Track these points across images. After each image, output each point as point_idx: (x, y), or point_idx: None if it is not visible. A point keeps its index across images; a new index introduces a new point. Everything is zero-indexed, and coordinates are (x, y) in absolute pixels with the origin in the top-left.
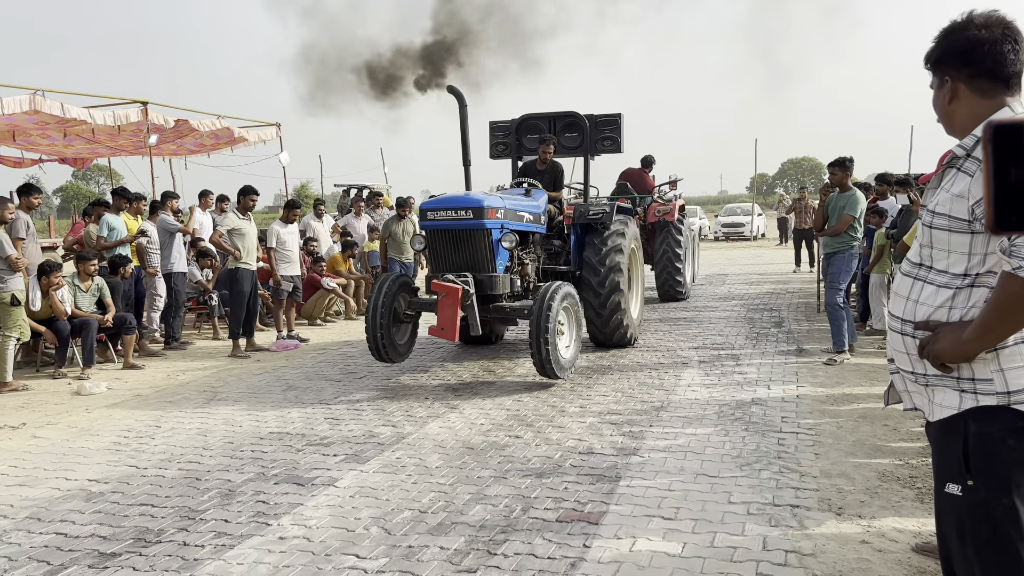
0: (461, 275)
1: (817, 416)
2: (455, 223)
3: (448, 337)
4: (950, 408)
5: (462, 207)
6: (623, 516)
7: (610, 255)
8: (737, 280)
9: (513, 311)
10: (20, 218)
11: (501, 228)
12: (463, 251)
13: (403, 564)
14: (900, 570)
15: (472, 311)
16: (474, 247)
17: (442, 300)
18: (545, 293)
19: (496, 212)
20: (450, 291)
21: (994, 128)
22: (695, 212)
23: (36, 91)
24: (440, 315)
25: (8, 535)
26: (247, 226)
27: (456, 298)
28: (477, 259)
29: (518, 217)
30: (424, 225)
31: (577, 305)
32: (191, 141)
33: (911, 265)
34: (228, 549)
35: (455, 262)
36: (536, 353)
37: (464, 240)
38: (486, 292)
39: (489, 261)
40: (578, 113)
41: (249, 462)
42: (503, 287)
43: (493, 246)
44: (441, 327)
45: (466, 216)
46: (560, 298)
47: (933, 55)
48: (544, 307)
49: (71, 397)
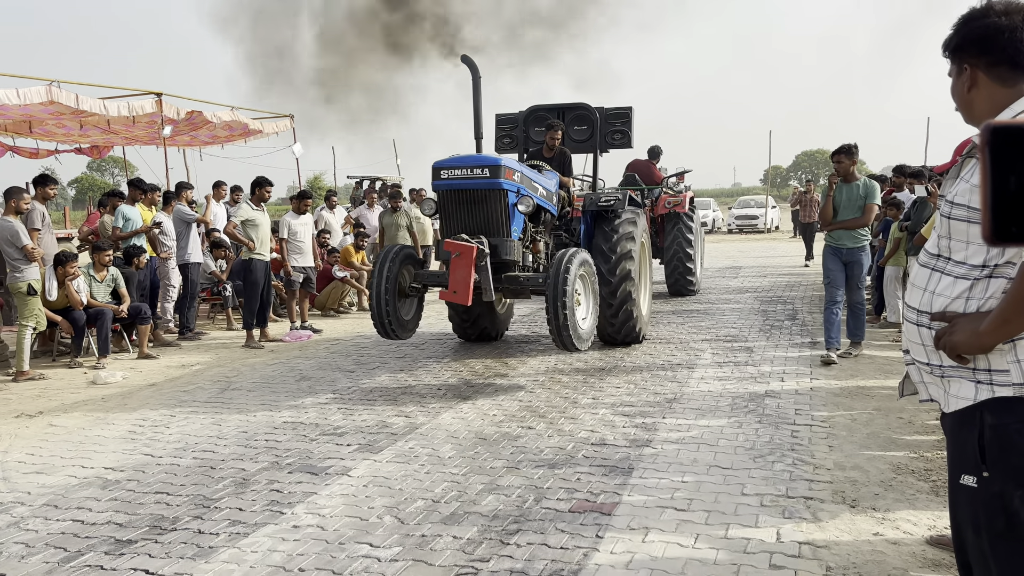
0: (475, 237)
1: (831, 408)
2: (470, 182)
3: (460, 300)
4: (965, 399)
5: (478, 165)
6: (636, 507)
7: (621, 242)
8: (750, 273)
9: (528, 280)
10: (36, 209)
11: (518, 192)
12: (477, 213)
13: (416, 553)
14: (914, 562)
15: (486, 273)
16: (489, 208)
17: (455, 260)
18: (562, 258)
19: (513, 174)
20: (464, 250)
21: (991, 131)
22: (708, 204)
23: (52, 82)
24: (452, 276)
25: (25, 522)
26: (261, 217)
27: (470, 258)
28: (492, 222)
29: (533, 188)
30: (437, 185)
31: (593, 274)
32: (205, 132)
33: (928, 256)
34: (242, 537)
35: (468, 224)
36: (553, 320)
37: (479, 201)
38: (500, 257)
39: (504, 225)
40: (588, 105)
41: (263, 451)
42: (517, 253)
43: (509, 209)
44: (453, 290)
45: (482, 175)
46: (578, 263)
47: (952, 43)
48: (562, 271)
49: (87, 386)
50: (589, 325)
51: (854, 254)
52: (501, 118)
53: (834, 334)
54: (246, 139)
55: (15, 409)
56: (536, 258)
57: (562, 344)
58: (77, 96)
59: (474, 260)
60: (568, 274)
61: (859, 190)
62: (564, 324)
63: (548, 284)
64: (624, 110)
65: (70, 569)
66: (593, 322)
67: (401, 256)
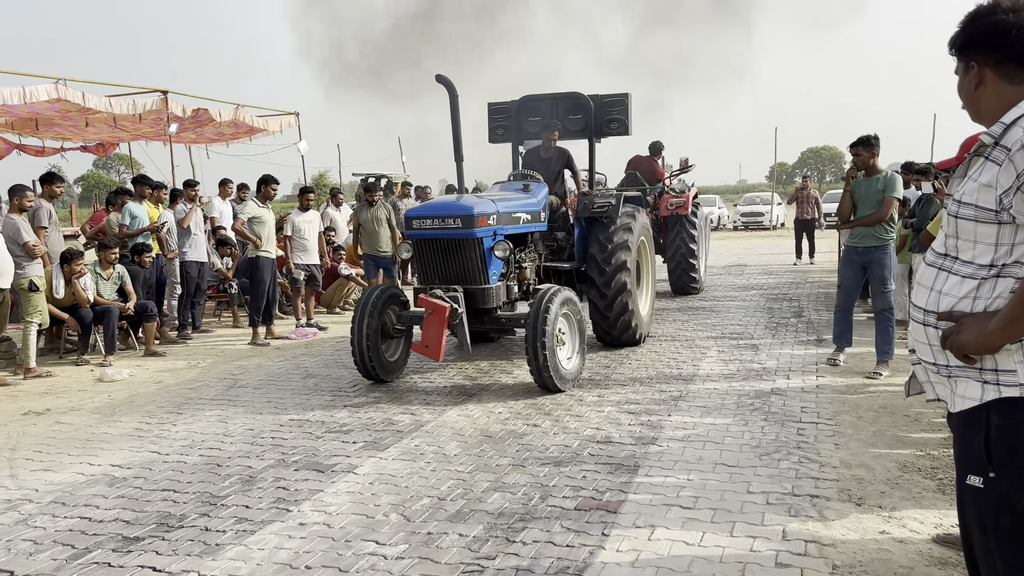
0: (450, 289)
1: (837, 406)
2: (443, 232)
3: (432, 356)
4: (972, 399)
5: (450, 215)
6: (642, 505)
7: (616, 253)
8: (756, 270)
9: (510, 321)
10: (43, 207)
11: (494, 236)
12: (452, 261)
13: (422, 550)
14: (921, 561)
15: (461, 328)
16: (464, 257)
17: (428, 317)
18: (542, 299)
19: (488, 219)
20: (436, 308)
21: None
22: (713, 201)
23: (58, 80)
24: (425, 332)
25: (33, 519)
26: (267, 214)
27: (443, 316)
28: (468, 270)
29: (514, 220)
30: (411, 234)
31: (579, 312)
32: (210, 130)
33: (935, 255)
34: (249, 534)
35: (444, 273)
36: (533, 361)
37: (453, 250)
38: (478, 306)
39: (481, 272)
40: (582, 94)
41: (269, 449)
42: (497, 299)
43: (485, 256)
44: (425, 344)
45: (455, 225)
46: (559, 303)
47: (958, 40)
48: (541, 313)
49: (94, 384)
50: (574, 365)
51: (871, 253)
52: (494, 107)
53: (841, 330)
54: (251, 137)
55: (23, 406)
56: (522, 286)
57: (543, 385)
58: (83, 94)
59: (446, 319)
60: (548, 314)
61: (878, 183)
62: (544, 365)
63: (528, 324)
64: (620, 97)
65: (78, 566)
66: (579, 362)
67: (384, 298)
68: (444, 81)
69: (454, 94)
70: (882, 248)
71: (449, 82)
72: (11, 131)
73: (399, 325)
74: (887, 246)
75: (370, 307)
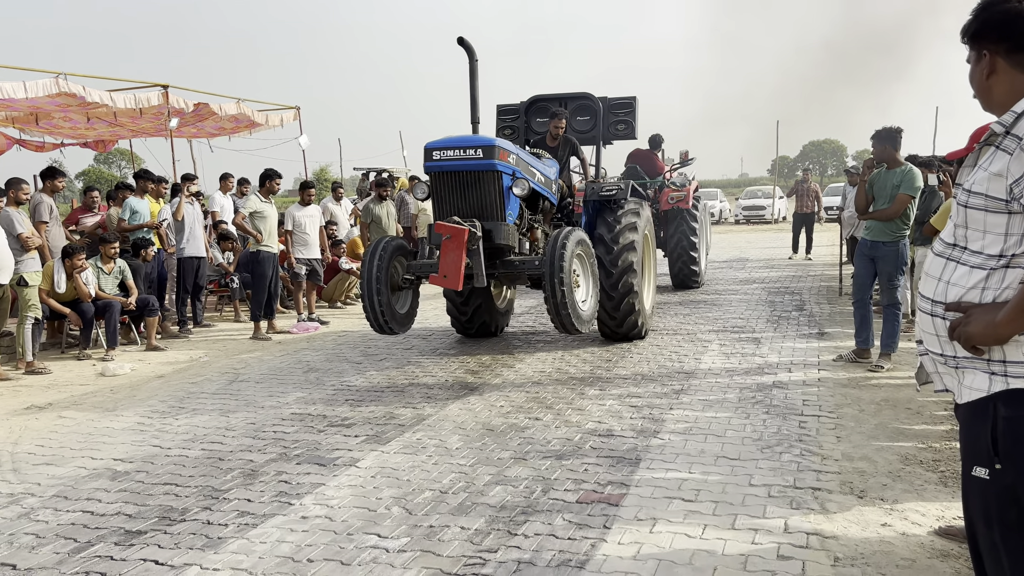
0: (468, 220)
1: (839, 399)
2: (463, 163)
3: (451, 285)
4: (979, 391)
5: (472, 146)
6: (643, 498)
7: (624, 233)
8: (757, 264)
9: (523, 264)
10: (44, 201)
11: (513, 175)
12: (471, 195)
13: (424, 543)
14: (923, 553)
15: (478, 257)
16: (483, 190)
17: (446, 242)
18: (556, 240)
19: (508, 156)
20: (455, 232)
21: None
22: (715, 195)
23: (59, 74)
24: (443, 260)
25: (36, 513)
26: (268, 209)
27: (462, 240)
28: (486, 204)
29: (530, 172)
30: (429, 167)
31: (592, 255)
32: (211, 124)
33: (944, 245)
34: (251, 528)
35: (461, 207)
36: (551, 299)
37: (472, 183)
38: (494, 242)
39: (499, 208)
40: (591, 95)
41: (271, 443)
42: (512, 238)
43: (503, 192)
44: (443, 274)
45: (475, 155)
46: (574, 242)
47: (971, 28)
48: (556, 254)
49: (96, 378)
50: (589, 307)
51: (878, 248)
52: (502, 108)
53: (858, 328)
54: (252, 131)
55: (25, 401)
56: (533, 246)
57: (562, 325)
58: (84, 87)
59: (465, 243)
60: (565, 250)
61: (895, 178)
62: (563, 303)
63: (544, 262)
64: (628, 100)
65: (80, 560)
66: (593, 305)
67: (391, 248)
68: (464, 44)
69: (474, 57)
70: (891, 244)
71: (469, 45)
72: (12, 126)
73: (407, 275)
74: (898, 243)
75: (378, 256)
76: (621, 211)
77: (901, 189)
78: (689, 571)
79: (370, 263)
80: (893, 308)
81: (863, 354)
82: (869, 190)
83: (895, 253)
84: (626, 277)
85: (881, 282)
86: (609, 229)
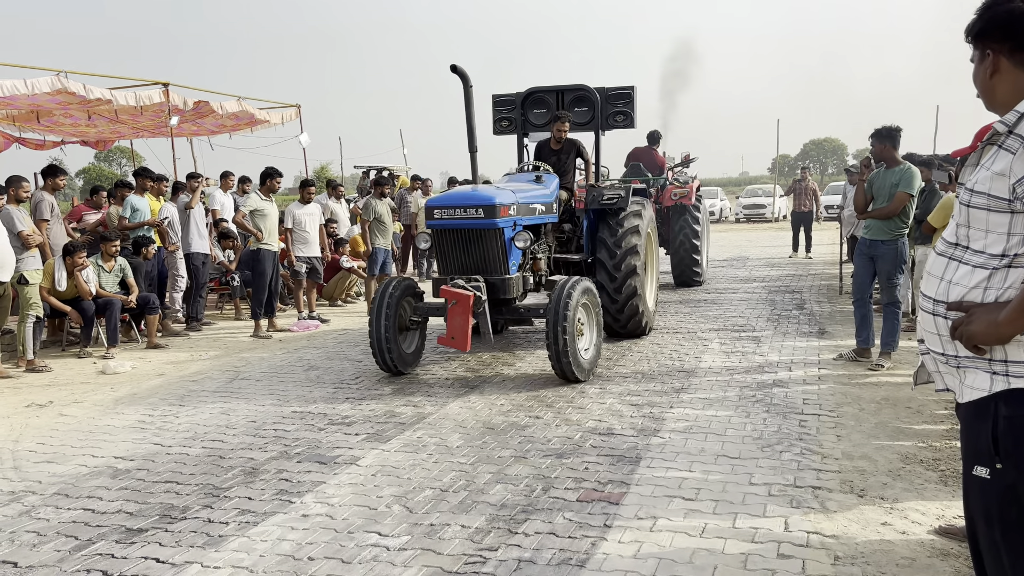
0: (471, 278)
1: (839, 398)
2: (464, 222)
3: (459, 347)
4: (980, 390)
5: (472, 205)
6: (644, 497)
7: (626, 236)
8: (758, 262)
9: (528, 311)
10: (44, 199)
11: (514, 226)
12: (473, 252)
13: (425, 542)
14: (923, 552)
15: (484, 318)
16: (485, 248)
17: (452, 308)
18: (563, 288)
19: (508, 209)
20: (461, 298)
21: None
22: (715, 193)
23: (60, 72)
24: (450, 324)
25: (37, 510)
26: (269, 207)
27: (467, 306)
28: (488, 261)
29: (531, 211)
30: (431, 224)
31: (597, 303)
32: (212, 122)
33: (946, 244)
34: (252, 526)
35: (464, 263)
36: (553, 347)
37: (474, 241)
38: (499, 296)
39: (502, 263)
40: (588, 86)
41: (272, 441)
42: (516, 289)
43: (506, 246)
44: (451, 336)
45: (476, 215)
46: (579, 293)
47: (975, 27)
48: (562, 303)
49: (96, 376)
50: (591, 356)
51: (877, 247)
52: (498, 99)
53: (864, 332)
54: (252, 128)
55: (26, 399)
56: (537, 275)
57: (562, 372)
58: (85, 85)
59: (471, 308)
60: (570, 300)
61: (893, 177)
62: (564, 351)
63: (549, 311)
64: (626, 90)
65: (81, 558)
66: (595, 354)
67: (400, 290)
68: (459, 72)
69: (468, 84)
70: (890, 243)
71: (464, 73)
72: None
73: (415, 317)
74: (896, 241)
75: (387, 300)
76: (623, 214)
77: (900, 188)
78: (689, 570)
79: (379, 308)
80: (892, 307)
81: (864, 353)
82: (868, 189)
83: (894, 252)
84: (630, 281)
85: (880, 281)
86: (612, 233)
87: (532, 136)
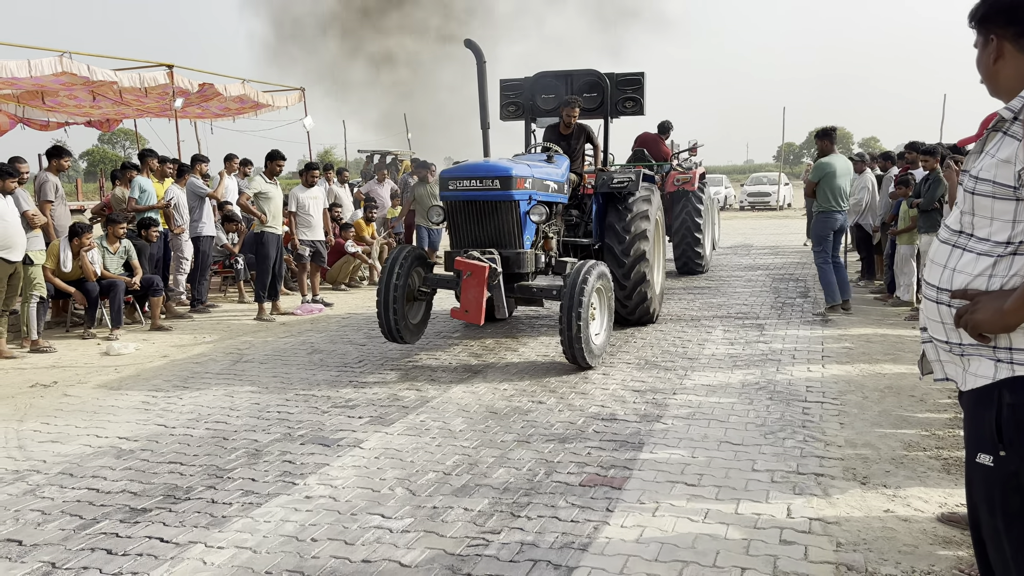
0: (486, 251)
1: (842, 386)
2: (480, 194)
3: (473, 320)
4: (984, 378)
5: (488, 176)
6: (646, 482)
7: (636, 221)
8: (762, 250)
9: (541, 291)
10: (49, 180)
11: (529, 199)
12: (488, 225)
13: (428, 524)
14: (925, 539)
15: (499, 291)
16: (500, 220)
17: (466, 280)
18: (579, 272)
19: (524, 182)
20: (476, 269)
21: None
22: (720, 181)
23: (64, 53)
24: (464, 296)
25: (41, 490)
26: (273, 190)
27: (482, 277)
28: (503, 234)
29: (544, 187)
30: (445, 195)
31: (610, 288)
32: (216, 105)
33: (950, 232)
34: (255, 507)
35: (479, 237)
36: (566, 332)
37: (489, 213)
38: (513, 270)
39: (516, 236)
40: (598, 71)
41: (275, 423)
42: (530, 264)
43: (521, 219)
44: (465, 309)
45: (492, 186)
46: (595, 278)
47: (978, 12)
48: (578, 287)
49: (100, 357)
50: (602, 341)
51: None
52: (506, 84)
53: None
54: (257, 112)
55: (30, 379)
56: (548, 255)
57: (572, 357)
58: (89, 66)
59: (486, 280)
60: (586, 285)
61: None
62: (577, 336)
63: (564, 294)
64: (636, 76)
65: (86, 536)
66: (605, 339)
67: (411, 259)
68: (472, 46)
69: (482, 59)
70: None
71: (477, 47)
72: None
73: (424, 287)
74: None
75: (398, 267)
76: (632, 199)
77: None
78: (691, 555)
79: (389, 274)
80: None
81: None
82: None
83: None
84: (639, 266)
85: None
86: (620, 218)
87: (540, 121)
